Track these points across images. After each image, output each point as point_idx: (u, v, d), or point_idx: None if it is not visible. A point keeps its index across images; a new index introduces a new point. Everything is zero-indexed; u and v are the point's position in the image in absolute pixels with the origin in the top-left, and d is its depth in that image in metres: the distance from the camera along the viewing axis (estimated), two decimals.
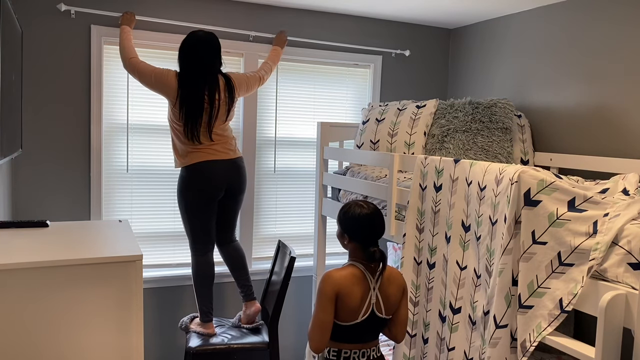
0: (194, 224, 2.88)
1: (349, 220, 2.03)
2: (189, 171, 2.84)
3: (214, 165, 2.83)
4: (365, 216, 2.01)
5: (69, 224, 2.35)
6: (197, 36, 2.82)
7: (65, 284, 1.76)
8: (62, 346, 1.78)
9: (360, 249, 2.01)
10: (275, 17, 3.53)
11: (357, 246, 2.02)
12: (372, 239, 2.01)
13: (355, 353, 2.02)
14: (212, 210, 2.89)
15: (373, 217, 2.02)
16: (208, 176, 2.83)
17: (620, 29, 2.81)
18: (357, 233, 2.01)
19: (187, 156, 2.84)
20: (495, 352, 1.85)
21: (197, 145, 2.82)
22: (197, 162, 2.82)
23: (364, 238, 2.01)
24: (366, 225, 2.01)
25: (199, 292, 2.93)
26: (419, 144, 3.17)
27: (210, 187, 2.84)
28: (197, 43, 2.81)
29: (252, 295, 3.05)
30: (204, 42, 2.81)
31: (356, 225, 2.01)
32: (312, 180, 3.78)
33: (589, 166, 2.86)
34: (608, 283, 1.58)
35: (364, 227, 2.01)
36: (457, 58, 4.00)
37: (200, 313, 2.96)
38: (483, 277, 2.00)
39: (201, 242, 2.91)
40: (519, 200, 1.81)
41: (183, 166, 2.86)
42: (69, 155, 3.15)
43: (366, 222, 2.01)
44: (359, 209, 2.02)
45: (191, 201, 2.85)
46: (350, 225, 2.03)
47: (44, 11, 3.03)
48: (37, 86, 3.05)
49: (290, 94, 3.68)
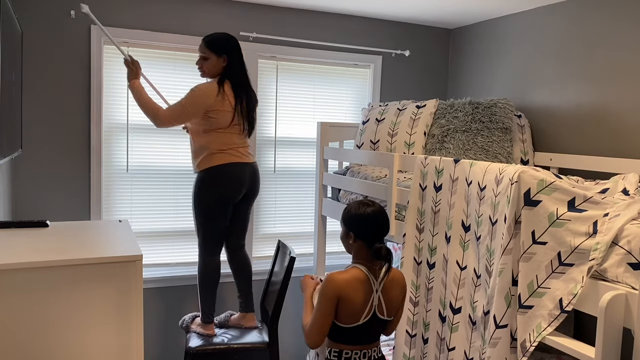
0: (210, 226, 2.83)
1: (354, 218, 2.03)
2: (214, 173, 2.77)
3: (243, 168, 2.83)
4: (372, 213, 2.01)
5: (69, 224, 2.35)
6: (235, 39, 2.89)
7: (65, 284, 1.76)
8: (62, 346, 1.78)
9: (366, 247, 2.01)
10: (275, 17, 3.53)
11: (363, 245, 2.02)
12: (378, 236, 2.01)
13: (356, 354, 2.02)
14: (230, 213, 2.89)
15: (379, 215, 2.03)
16: (236, 178, 2.80)
17: (620, 29, 2.81)
18: (363, 230, 2.01)
19: (214, 157, 2.77)
20: (495, 352, 1.85)
21: (233, 145, 2.80)
22: (226, 164, 2.77)
23: (370, 235, 2.01)
24: (372, 222, 2.01)
25: (203, 293, 2.92)
26: (419, 144, 3.17)
27: (235, 189, 2.82)
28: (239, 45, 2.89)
29: (252, 307, 3.05)
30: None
31: (362, 222, 2.01)
32: (312, 180, 3.78)
33: (589, 166, 2.86)
34: (608, 283, 1.58)
35: (370, 225, 2.01)
36: (457, 58, 4.00)
37: (202, 313, 2.95)
38: (483, 277, 2.00)
39: (214, 243, 2.88)
40: (519, 200, 1.81)
41: (208, 167, 2.78)
42: (69, 156, 3.15)
43: (372, 219, 2.01)
44: (365, 207, 2.03)
45: (213, 203, 2.79)
46: (356, 223, 2.03)
47: (44, 11, 3.03)
48: (37, 86, 3.05)
49: (290, 93, 3.68)
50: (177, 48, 3.34)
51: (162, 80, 3.34)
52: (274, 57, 3.58)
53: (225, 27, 3.40)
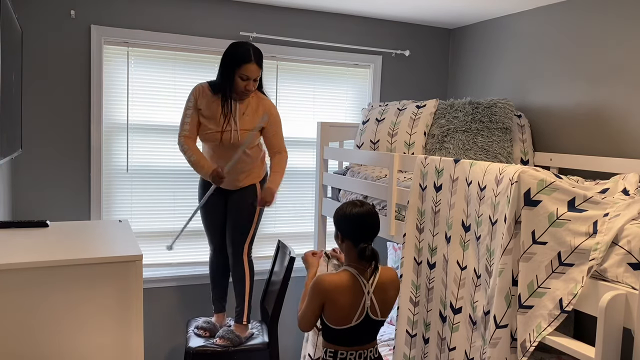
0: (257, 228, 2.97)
1: (340, 218, 2.07)
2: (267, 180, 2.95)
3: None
4: (357, 214, 2.03)
5: (69, 224, 2.35)
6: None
7: (65, 284, 1.76)
8: (62, 346, 1.78)
9: (353, 248, 2.02)
10: (275, 17, 3.53)
11: (351, 245, 2.03)
12: (364, 237, 2.02)
13: (351, 354, 2.02)
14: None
15: (365, 215, 2.04)
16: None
17: (620, 28, 2.81)
18: (348, 230, 2.04)
19: (264, 165, 2.97)
20: (495, 352, 1.85)
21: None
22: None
23: (355, 235, 2.02)
24: (357, 222, 2.03)
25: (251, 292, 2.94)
26: (419, 144, 3.17)
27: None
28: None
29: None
30: None
31: (347, 222, 2.04)
32: (312, 180, 3.77)
33: (589, 166, 2.86)
34: (608, 283, 1.58)
35: (355, 224, 2.03)
36: (457, 58, 4.00)
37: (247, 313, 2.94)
38: (483, 277, 2.00)
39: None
40: (519, 200, 1.81)
41: (264, 175, 2.97)
42: (69, 155, 3.15)
43: (357, 219, 2.03)
44: (351, 207, 2.06)
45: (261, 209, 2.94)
46: (342, 222, 2.06)
47: (44, 11, 3.03)
48: (37, 86, 3.05)
49: (290, 93, 3.68)
50: (177, 48, 3.33)
51: (162, 80, 3.34)
52: (274, 57, 3.58)
53: (225, 27, 3.40)
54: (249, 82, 2.68)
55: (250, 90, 2.71)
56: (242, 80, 2.66)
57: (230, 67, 2.66)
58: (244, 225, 2.87)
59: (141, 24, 3.21)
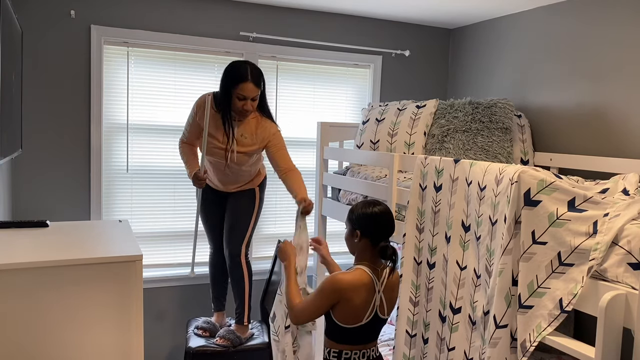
0: (254, 230, 3.00)
1: (361, 216, 2.05)
2: (265, 184, 3.02)
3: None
4: (379, 212, 2.04)
5: (69, 224, 2.35)
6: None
7: (65, 284, 1.76)
8: (62, 346, 1.78)
9: (371, 246, 2.02)
10: (275, 17, 3.53)
11: (368, 244, 2.02)
12: (384, 235, 2.03)
13: (355, 354, 2.02)
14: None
15: (385, 214, 2.05)
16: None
17: (620, 28, 2.81)
18: (370, 229, 2.02)
19: (262, 171, 3.02)
20: (495, 352, 1.85)
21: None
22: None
23: (376, 234, 2.02)
24: (380, 220, 2.03)
25: (251, 291, 2.96)
26: (419, 144, 3.17)
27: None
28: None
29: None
30: None
31: (369, 220, 2.03)
32: (312, 180, 3.77)
33: (589, 166, 2.86)
34: (608, 283, 1.58)
35: (378, 223, 2.03)
36: (457, 58, 3.99)
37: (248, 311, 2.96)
38: (483, 277, 2.00)
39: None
40: (519, 200, 1.81)
41: (263, 180, 3.01)
42: (69, 155, 3.15)
43: (379, 217, 2.03)
44: (372, 206, 2.05)
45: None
46: (363, 221, 2.04)
47: (44, 11, 3.03)
48: (37, 86, 3.05)
49: (290, 93, 3.68)
50: (177, 48, 3.34)
51: (162, 81, 3.34)
52: (274, 57, 3.58)
53: (225, 27, 3.40)
54: (247, 102, 2.61)
55: (249, 110, 2.64)
56: (239, 100, 2.60)
57: (227, 86, 2.61)
58: (242, 227, 2.87)
59: (141, 24, 3.21)
